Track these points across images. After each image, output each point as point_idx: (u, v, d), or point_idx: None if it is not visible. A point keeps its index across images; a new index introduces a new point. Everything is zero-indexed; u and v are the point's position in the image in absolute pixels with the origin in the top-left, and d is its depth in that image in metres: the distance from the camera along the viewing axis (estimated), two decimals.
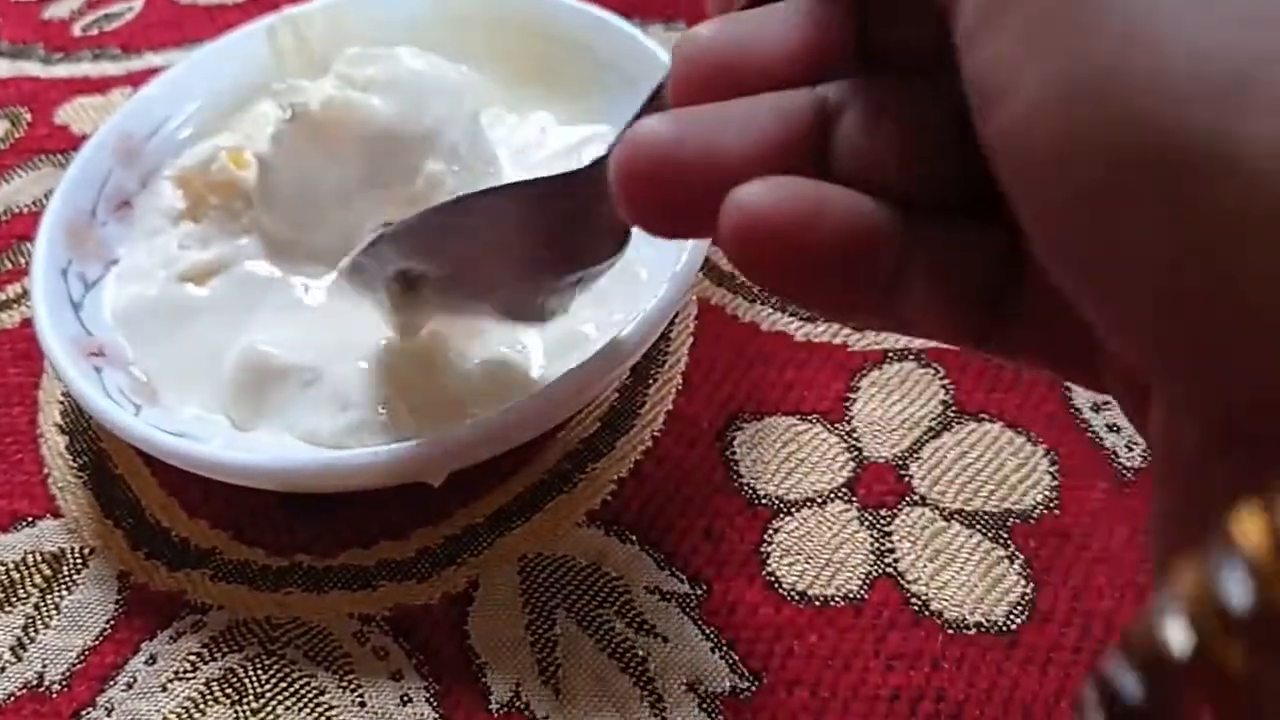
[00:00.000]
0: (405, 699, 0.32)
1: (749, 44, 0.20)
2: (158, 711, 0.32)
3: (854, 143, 0.20)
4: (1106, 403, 0.37)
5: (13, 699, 0.33)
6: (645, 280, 0.36)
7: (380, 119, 0.37)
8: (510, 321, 0.32)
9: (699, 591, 0.33)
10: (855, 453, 0.36)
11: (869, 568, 0.33)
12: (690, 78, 0.20)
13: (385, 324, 0.35)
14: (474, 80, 0.40)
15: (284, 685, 0.32)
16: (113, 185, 0.42)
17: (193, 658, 0.33)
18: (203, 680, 0.33)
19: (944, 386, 0.37)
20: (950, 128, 0.19)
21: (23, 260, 0.46)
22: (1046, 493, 0.35)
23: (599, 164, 0.25)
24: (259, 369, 0.36)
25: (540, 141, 0.43)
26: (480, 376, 0.35)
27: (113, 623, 0.34)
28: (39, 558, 0.36)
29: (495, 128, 0.42)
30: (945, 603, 0.32)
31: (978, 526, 0.34)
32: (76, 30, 0.58)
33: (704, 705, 0.31)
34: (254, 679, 0.33)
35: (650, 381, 0.39)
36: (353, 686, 0.32)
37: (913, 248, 0.19)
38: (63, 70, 0.55)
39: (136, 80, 0.53)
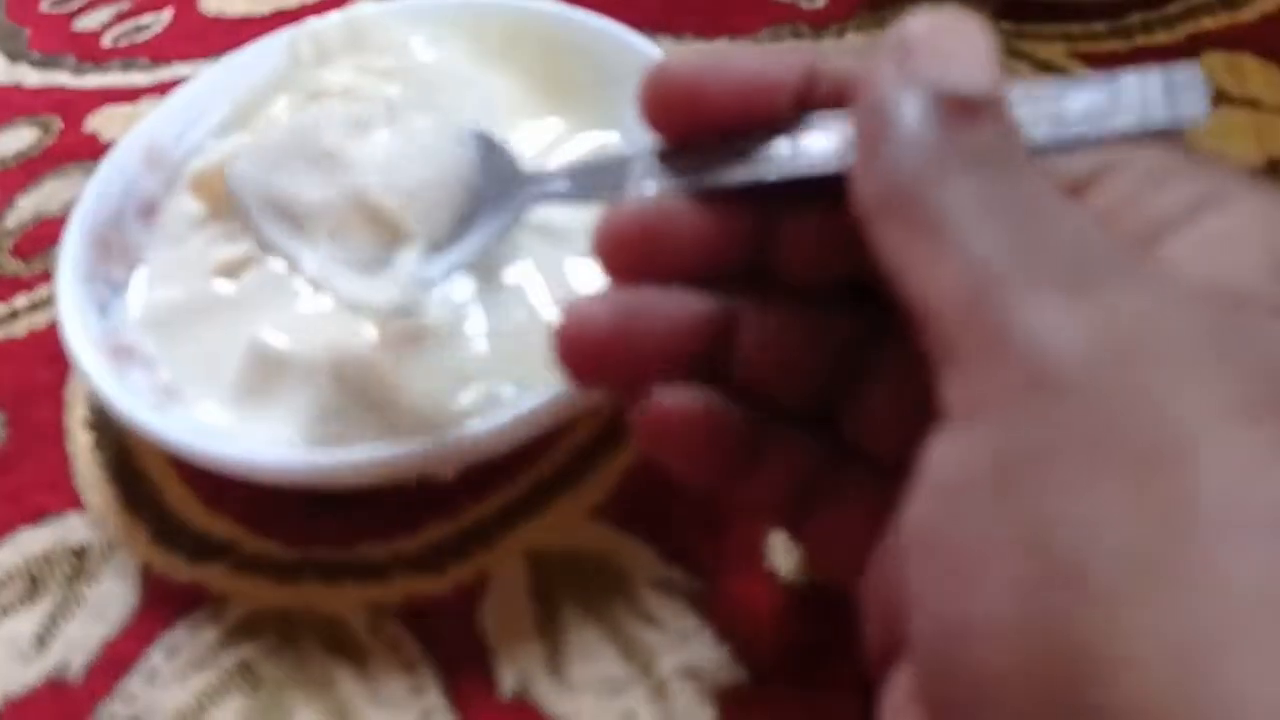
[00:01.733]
0: (417, 688, 0.32)
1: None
2: (175, 701, 0.33)
3: (744, 352, 0.26)
4: None
5: (34, 689, 0.34)
6: None
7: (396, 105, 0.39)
8: None
9: (702, 584, 0.34)
10: None
11: None
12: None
13: None
14: (484, 73, 0.42)
15: (299, 675, 0.33)
16: (139, 191, 0.43)
17: (211, 648, 0.34)
18: (219, 670, 0.33)
19: None
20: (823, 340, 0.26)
21: (52, 264, 0.47)
22: None
23: None
24: (262, 361, 0.37)
25: (553, 148, 0.44)
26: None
27: (134, 614, 0.35)
28: (64, 551, 0.37)
29: (508, 133, 0.43)
30: None
31: None
32: (107, 41, 0.60)
33: (706, 697, 0.31)
34: (269, 669, 0.33)
35: None
36: (366, 676, 0.33)
37: (766, 452, 0.27)
38: (93, 80, 0.57)
39: (165, 90, 0.54)
